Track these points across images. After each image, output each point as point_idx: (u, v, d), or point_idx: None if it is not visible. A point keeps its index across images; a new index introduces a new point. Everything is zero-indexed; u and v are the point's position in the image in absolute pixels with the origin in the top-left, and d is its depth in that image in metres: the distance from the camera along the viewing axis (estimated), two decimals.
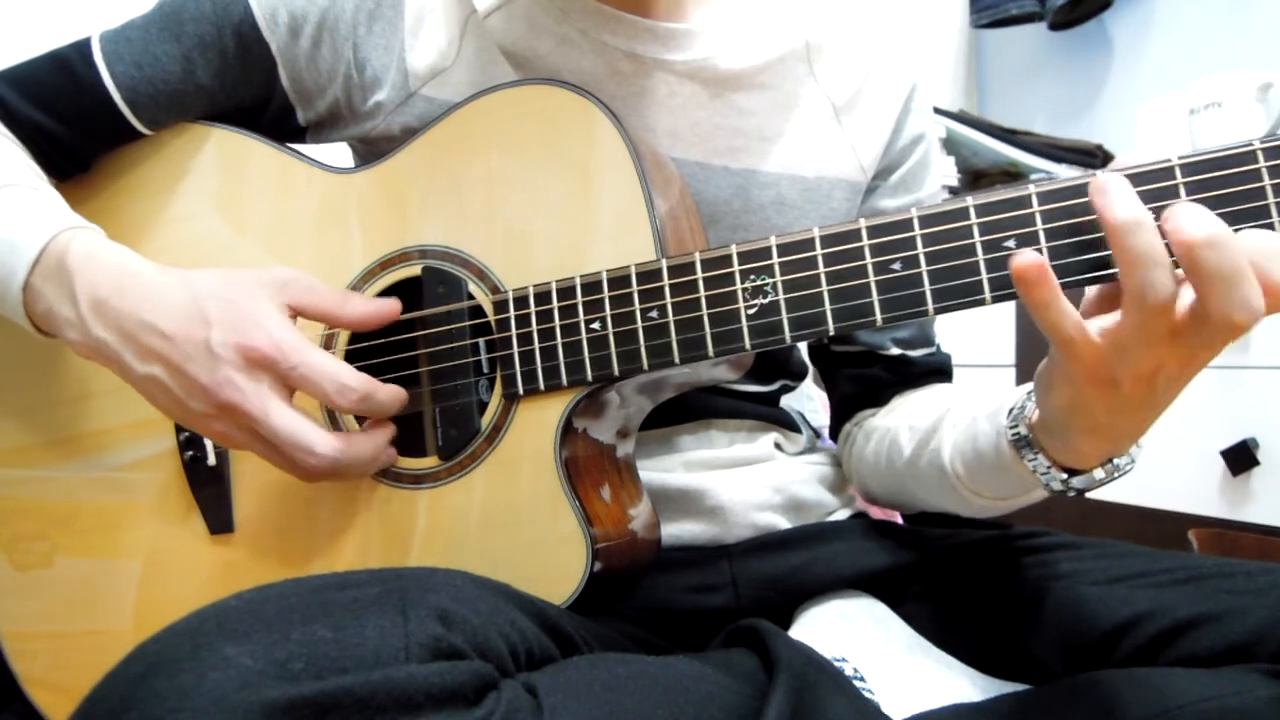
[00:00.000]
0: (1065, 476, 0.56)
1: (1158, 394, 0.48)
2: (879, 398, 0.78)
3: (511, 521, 0.60)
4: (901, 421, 0.72)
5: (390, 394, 0.59)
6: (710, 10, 0.71)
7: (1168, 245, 0.44)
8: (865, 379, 0.78)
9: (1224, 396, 1.26)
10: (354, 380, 0.57)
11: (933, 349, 0.79)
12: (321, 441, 0.57)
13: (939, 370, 0.79)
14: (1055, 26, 1.96)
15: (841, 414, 0.81)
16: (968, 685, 0.61)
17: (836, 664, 0.57)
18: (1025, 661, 0.62)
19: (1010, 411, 0.58)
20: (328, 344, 0.65)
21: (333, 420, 0.64)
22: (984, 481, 0.62)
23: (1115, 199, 0.45)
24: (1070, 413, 0.51)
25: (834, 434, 0.83)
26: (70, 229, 0.61)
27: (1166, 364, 0.47)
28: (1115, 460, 0.55)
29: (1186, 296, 0.45)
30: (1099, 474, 0.55)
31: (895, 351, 0.77)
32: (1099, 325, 0.47)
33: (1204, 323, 0.44)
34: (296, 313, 0.59)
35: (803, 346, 0.83)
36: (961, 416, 0.65)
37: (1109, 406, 0.49)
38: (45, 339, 0.63)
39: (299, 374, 0.56)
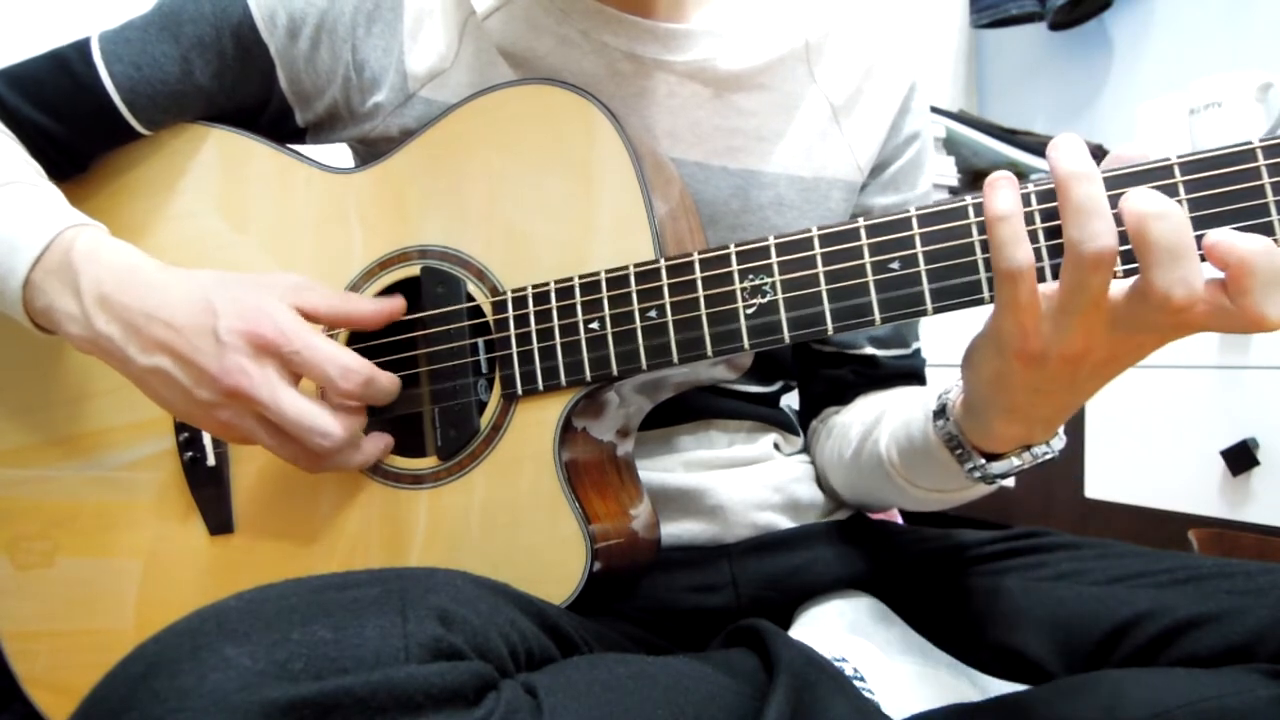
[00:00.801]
0: (983, 461, 0.57)
1: (1080, 379, 0.49)
2: (844, 397, 0.79)
3: (511, 522, 0.60)
4: (857, 416, 0.73)
5: (389, 380, 0.60)
6: (710, 11, 0.71)
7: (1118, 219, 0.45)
8: (832, 379, 0.79)
9: (1224, 396, 1.26)
10: (356, 363, 0.58)
11: (906, 351, 0.79)
12: (332, 423, 0.57)
13: (909, 374, 0.79)
14: (1055, 26, 1.96)
15: (809, 411, 0.82)
16: (968, 685, 0.61)
17: (836, 664, 0.57)
18: (1025, 662, 0.62)
19: (939, 395, 0.59)
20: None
21: None
22: (916, 469, 0.63)
23: (1065, 152, 0.46)
24: (992, 386, 0.52)
25: (803, 430, 0.83)
26: (75, 226, 0.61)
27: (1096, 347, 0.47)
28: (1033, 449, 0.56)
29: (1127, 282, 0.45)
30: (1015, 460, 0.56)
31: (867, 350, 0.77)
32: (1042, 288, 0.47)
33: (1143, 300, 0.44)
34: (302, 314, 0.60)
35: None
36: (903, 405, 0.66)
37: (1030, 384, 0.50)
38: (44, 338, 0.63)
39: (302, 358, 0.57)
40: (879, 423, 0.68)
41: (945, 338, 1.25)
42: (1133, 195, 0.44)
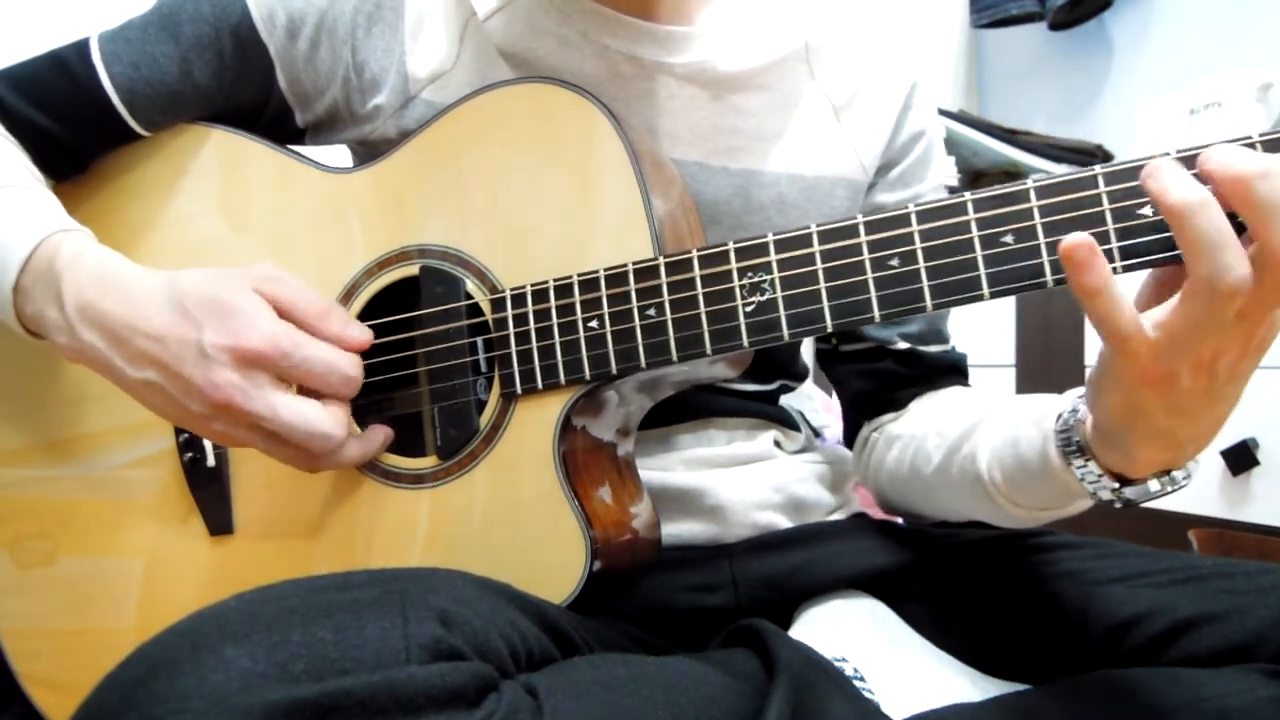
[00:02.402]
0: (1116, 485, 0.53)
1: (1218, 384, 0.46)
2: (896, 399, 0.77)
3: (511, 521, 0.60)
4: (929, 428, 0.71)
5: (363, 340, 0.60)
6: (711, 12, 0.71)
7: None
8: (877, 374, 0.77)
9: None
10: (357, 370, 0.58)
11: (946, 346, 0.78)
12: (333, 424, 0.57)
13: (954, 369, 0.78)
14: (1055, 26, 1.96)
15: (857, 414, 0.80)
16: (968, 685, 0.61)
17: (836, 664, 0.57)
18: (1025, 661, 0.62)
19: (1060, 417, 0.56)
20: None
21: None
22: (1024, 490, 0.60)
23: (1170, 182, 0.42)
24: (1126, 416, 0.49)
25: (849, 437, 0.82)
26: (61, 231, 0.60)
27: (1227, 347, 0.44)
28: (1173, 473, 0.52)
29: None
30: (1154, 485, 0.52)
31: (904, 346, 0.76)
32: (1152, 319, 0.44)
33: (1264, 271, 0.41)
34: (277, 308, 0.58)
35: (806, 351, 0.83)
36: (1000, 423, 0.63)
37: (1168, 406, 0.47)
38: (39, 342, 0.63)
39: (303, 370, 0.56)
40: (969, 439, 0.65)
41: (955, 337, 1.24)
42: (1224, 158, 0.41)
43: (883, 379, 0.77)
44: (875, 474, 0.76)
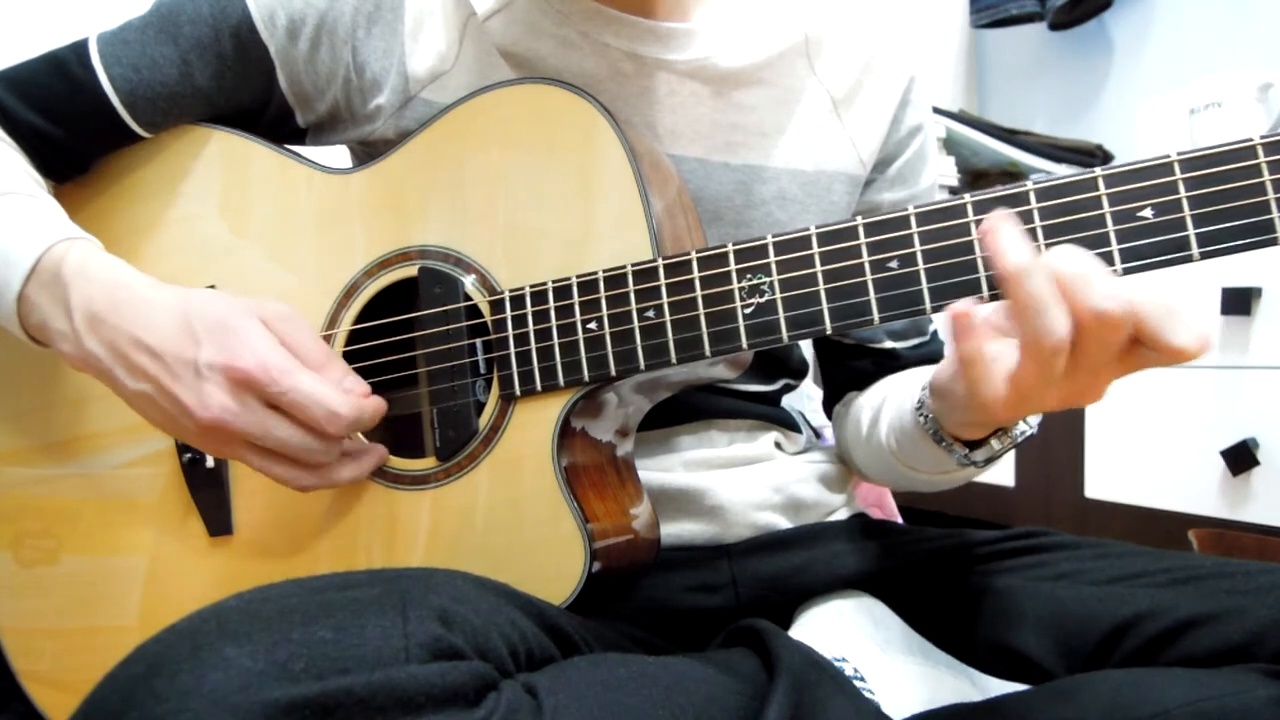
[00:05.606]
0: (966, 451, 0.61)
1: (1024, 414, 0.52)
2: (864, 384, 0.80)
3: (511, 522, 0.60)
4: (868, 399, 0.75)
5: (374, 409, 0.60)
6: (710, 9, 0.71)
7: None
8: (854, 369, 0.80)
9: (1224, 396, 1.26)
10: (343, 406, 0.57)
11: (925, 338, 0.80)
12: (330, 445, 0.58)
13: (927, 360, 0.80)
14: (1055, 26, 1.96)
15: (831, 397, 0.84)
16: (968, 685, 0.61)
17: (836, 664, 0.57)
18: (1025, 661, 0.62)
19: (920, 390, 0.63)
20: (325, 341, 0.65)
21: None
22: (911, 455, 0.66)
23: (1007, 245, 0.45)
24: (949, 410, 0.59)
25: (828, 414, 0.85)
26: (66, 239, 0.61)
27: (1052, 395, 0.48)
28: (1010, 432, 0.60)
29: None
30: (995, 445, 0.60)
31: (887, 345, 0.78)
32: (1005, 370, 0.48)
33: (1080, 333, 0.45)
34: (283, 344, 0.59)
35: (805, 343, 0.84)
36: (899, 395, 0.68)
37: (983, 419, 0.57)
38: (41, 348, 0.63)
39: (289, 399, 0.56)
40: (881, 409, 0.71)
41: None
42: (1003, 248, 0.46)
43: (858, 373, 0.80)
44: (843, 445, 0.80)
